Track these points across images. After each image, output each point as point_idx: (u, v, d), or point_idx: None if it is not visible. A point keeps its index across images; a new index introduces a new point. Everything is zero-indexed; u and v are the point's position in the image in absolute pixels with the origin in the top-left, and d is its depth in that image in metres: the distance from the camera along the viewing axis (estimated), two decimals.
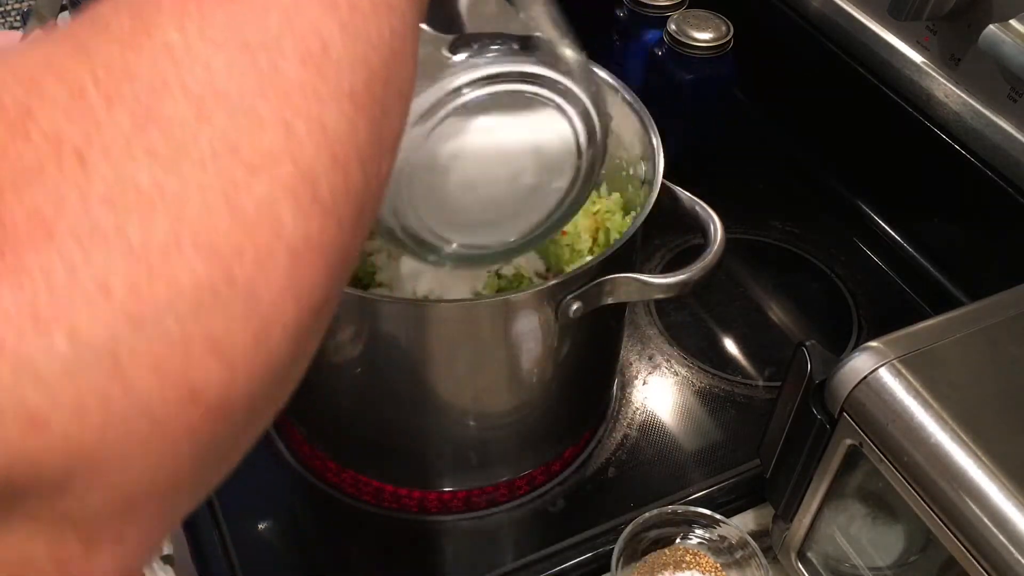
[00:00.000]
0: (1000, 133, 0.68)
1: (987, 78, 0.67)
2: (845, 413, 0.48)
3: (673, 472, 0.67)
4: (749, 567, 0.58)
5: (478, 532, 0.64)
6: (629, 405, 0.71)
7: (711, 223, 0.55)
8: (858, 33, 0.78)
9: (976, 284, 0.77)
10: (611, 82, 0.62)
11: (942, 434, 0.44)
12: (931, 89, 0.73)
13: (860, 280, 0.81)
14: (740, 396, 0.72)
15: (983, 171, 0.71)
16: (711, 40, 0.80)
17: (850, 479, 0.51)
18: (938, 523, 0.44)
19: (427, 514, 0.64)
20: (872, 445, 0.47)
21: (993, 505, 0.41)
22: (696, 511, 0.60)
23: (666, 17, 0.82)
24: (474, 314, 0.53)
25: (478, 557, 0.63)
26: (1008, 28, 0.61)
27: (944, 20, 0.69)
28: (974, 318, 0.49)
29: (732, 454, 0.67)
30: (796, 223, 0.86)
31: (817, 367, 0.51)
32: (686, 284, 0.52)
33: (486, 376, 0.58)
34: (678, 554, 0.60)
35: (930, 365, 0.47)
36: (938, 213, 0.80)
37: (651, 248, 0.82)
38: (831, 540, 0.54)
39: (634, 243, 0.54)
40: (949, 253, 0.79)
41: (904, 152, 0.80)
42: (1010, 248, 0.72)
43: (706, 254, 0.53)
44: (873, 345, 0.48)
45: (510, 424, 0.61)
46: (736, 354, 0.75)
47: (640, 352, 0.75)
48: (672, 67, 0.81)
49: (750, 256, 0.83)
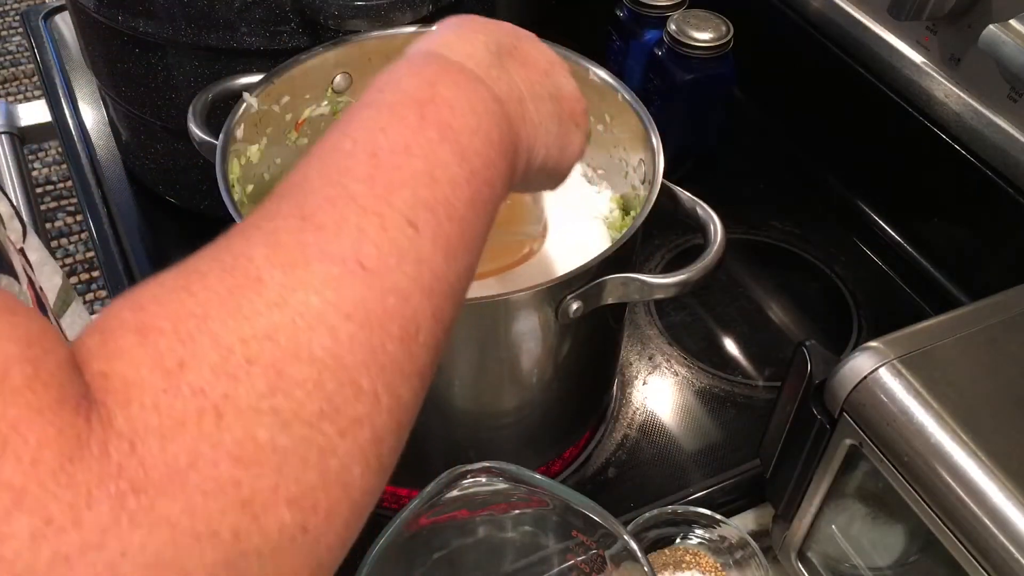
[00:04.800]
0: (1000, 133, 0.68)
1: (987, 78, 0.67)
2: (845, 413, 0.48)
3: (673, 472, 0.67)
4: (749, 567, 0.58)
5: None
6: (629, 405, 0.71)
7: (711, 223, 0.55)
8: (858, 33, 0.78)
9: (976, 284, 0.77)
10: (611, 82, 0.62)
11: (942, 434, 0.44)
12: (931, 89, 0.73)
13: (860, 280, 0.81)
14: (740, 396, 0.72)
15: (983, 171, 0.71)
16: (711, 40, 0.80)
17: (850, 479, 0.51)
18: (938, 523, 0.44)
19: None
20: (872, 445, 0.47)
21: (993, 505, 0.41)
22: (696, 511, 0.60)
23: (666, 17, 0.82)
24: (474, 314, 0.53)
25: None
26: (1008, 28, 0.61)
27: (944, 20, 0.69)
28: (974, 318, 0.49)
29: (732, 454, 0.67)
30: (796, 223, 0.86)
31: (817, 367, 0.51)
32: (686, 284, 0.52)
33: (486, 376, 0.58)
34: (678, 554, 0.60)
35: (930, 365, 0.47)
36: (938, 213, 0.80)
37: (651, 248, 0.82)
38: (831, 540, 0.54)
39: (634, 243, 0.54)
40: (949, 253, 0.79)
41: (904, 152, 0.80)
42: (1010, 248, 0.72)
43: (706, 254, 0.53)
44: (873, 345, 0.48)
45: (510, 424, 0.61)
46: (736, 354, 0.75)
47: (640, 352, 0.75)
48: (672, 67, 0.81)
49: (750, 256, 0.83)
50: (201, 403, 0.22)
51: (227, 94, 0.62)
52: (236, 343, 0.23)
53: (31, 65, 2.17)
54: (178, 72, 0.71)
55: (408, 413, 0.27)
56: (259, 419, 0.23)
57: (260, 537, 0.22)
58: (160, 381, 0.22)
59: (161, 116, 0.76)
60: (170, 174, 0.82)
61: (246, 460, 0.22)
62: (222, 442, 0.22)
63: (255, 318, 0.24)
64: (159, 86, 0.73)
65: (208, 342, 0.23)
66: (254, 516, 0.22)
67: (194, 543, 0.21)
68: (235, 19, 0.66)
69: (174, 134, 0.76)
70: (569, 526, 0.50)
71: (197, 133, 0.59)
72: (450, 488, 0.47)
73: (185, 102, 0.62)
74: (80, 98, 0.96)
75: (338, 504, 0.24)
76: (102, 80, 0.80)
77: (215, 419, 0.22)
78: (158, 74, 0.72)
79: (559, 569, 0.52)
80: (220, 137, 0.56)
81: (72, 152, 0.91)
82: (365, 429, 0.25)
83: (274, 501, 0.23)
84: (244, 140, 0.59)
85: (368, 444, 0.25)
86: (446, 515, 0.49)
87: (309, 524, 0.23)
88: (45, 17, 1.06)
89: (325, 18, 0.65)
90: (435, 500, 0.47)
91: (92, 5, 0.70)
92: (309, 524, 0.23)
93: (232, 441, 0.22)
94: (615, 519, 0.48)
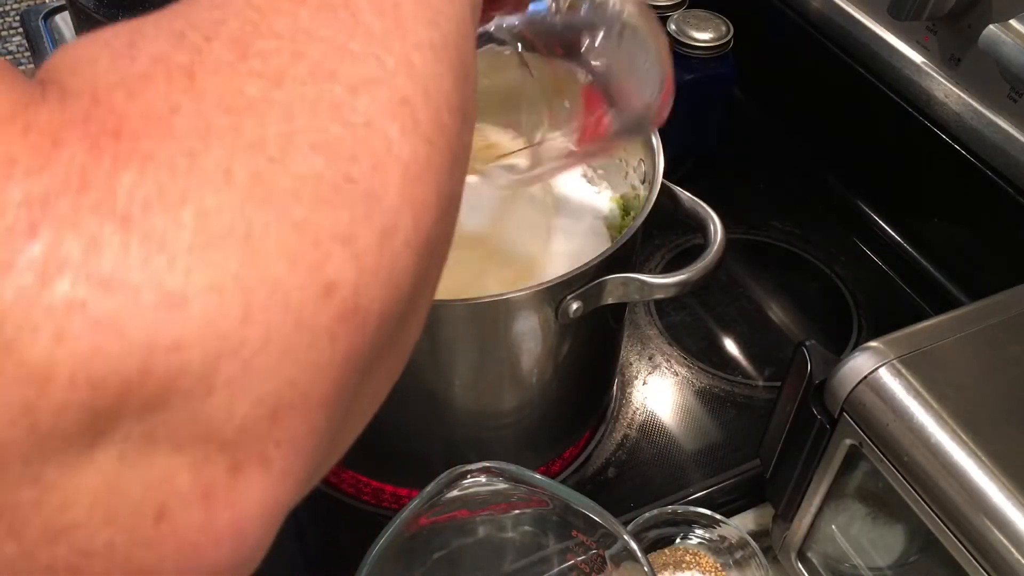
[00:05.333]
0: (1000, 133, 0.68)
1: (987, 78, 0.67)
2: (845, 413, 0.48)
3: (673, 472, 0.67)
4: (749, 567, 0.58)
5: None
6: (629, 405, 0.71)
7: (711, 223, 0.55)
8: (858, 33, 0.78)
9: (976, 284, 0.77)
10: None
11: (942, 434, 0.44)
12: (931, 89, 0.73)
13: (860, 280, 0.81)
14: (740, 396, 0.72)
15: (983, 171, 0.71)
16: (711, 40, 0.80)
17: (850, 479, 0.51)
18: (938, 523, 0.44)
19: None
20: (872, 445, 0.47)
21: (993, 505, 0.41)
22: (696, 511, 0.60)
23: (666, 17, 0.82)
24: (474, 314, 0.53)
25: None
26: (1008, 28, 0.61)
27: (944, 20, 0.69)
28: (974, 318, 0.49)
29: (732, 454, 0.67)
30: (796, 223, 0.86)
31: (817, 367, 0.51)
32: (686, 284, 0.52)
33: (486, 376, 0.58)
34: (678, 554, 0.60)
35: (930, 365, 0.47)
36: (938, 213, 0.80)
37: (651, 248, 0.82)
38: (831, 540, 0.54)
39: (634, 243, 0.54)
40: (949, 253, 0.79)
41: (904, 152, 0.80)
42: (1010, 248, 0.72)
43: (706, 254, 0.53)
44: (873, 345, 0.48)
45: (510, 424, 0.61)
46: (736, 354, 0.75)
47: (640, 352, 0.75)
48: (672, 67, 0.81)
49: (750, 256, 0.83)
50: (166, 65, 0.19)
51: None
52: (186, 27, 0.21)
53: (31, 65, 2.17)
54: None
55: (433, 84, 0.23)
56: (239, 76, 0.20)
57: (289, 179, 0.19)
58: (109, 52, 0.19)
59: None
60: None
61: (239, 109, 0.19)
62: (204, 93, 0.19)
63: (199, 14, 0.21)
64: None
65: (152, 27, 0.20)
66: (269, 158, 0.19)
67: (204, 179, 0.18)
68: None
69: None
70: (569, 526, 0.50)
71: None
72: (450, 488, 0.47)
73: None
74: None
75: (382, 159, 0.21)
76: None
77: (186, 77, 0.19)
78: None
79: (559, 569, 0.52)
80: None
81: None
82: (383, 88, 0.22)
83: (292, 145, 0.19)
84: None
85: (393, 104, 0.22)
86: (446, 515, 0.49)
87: (353, 174, 0.20)
88: (45, 17, 1.06)
89: None
90: (435, 500, 0.47)
91: (92, 5, 0.70)
92: (353, 174, 0.20)
93: (215, 94, 0.19)
94: (615, 519, 0.48)
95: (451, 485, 0.47)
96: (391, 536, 0.46)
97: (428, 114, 0.23)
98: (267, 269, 0.18)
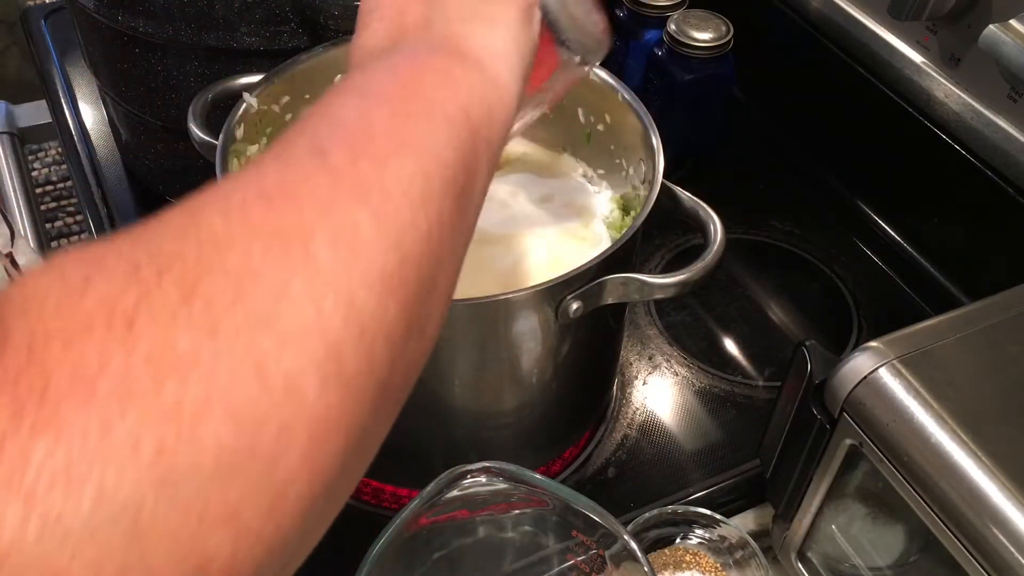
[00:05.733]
0: (1000, 133, 0.68)
1: (987, 78, 0.67)
2: (845, 413, 0.48)
3: (673, 472, 0.67)
4: (749, 567, 0.58)
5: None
6: (629, 405, 0.71)
7: (711, 223, 0.55)
8: (858, 33, 0.78)
9: (976, 284, 0.77)
10: (611, 82, 0.62)
11: (942, 434, 0.44)
12: (931, 89, 0.73)
13: (860, 280, 0.81)
14: (740, 396, 0.72)
15: (983, 171, 0.71)
16: (711, 40, 0.80)
17: (850, 479, 0.51)
18: (938, 523, 0.44)
19: None
20: (872, 445, 0.47)
21: (993, 505, 0.41)
22: (696, 511, 0.60)
23: (666, 17, 0.82)
24: (474, 314, 0.53)
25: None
26: (1008, 28, 0.61)
27: (944, 20, 0.69)
28: (974, 318, 0.49)
29: (732, 454, 0.67)
30: (796, 223, 0.86)
31: (817, 367, 0.51)
32: (686, 284, 0.52)
33: (486, 376, 0.58)
34: (678, 554, 0.60)
35: (930, 365, 0.47)
36: (938, 213, 0.80)
37: (651, 248, 0.82)
38: (831, 540, 0.54)
39: (634, 243, 0.54)
40: (949, 253, 0.79)
41: (904, 152, 0.80)
42: (1010, 248, 0.72)
43: (706, 254, 0.53)
44: (873, 345, 0.48)
45: (510, 424, 0.61)
46: (736, 354, 0.75)
47: (640, 352, 0.75)
48: (672, 67, 0.81)
49: (750, 256, 0.83)
50: (110, 308, 0.20)
51: (227, 94, 0.62)
52: (143, 261, 0.22)
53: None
54: (178, 72, 0.71)
55: (372, 322, 0.24)
56: (176, 326, 0.21)
57: (192, 454, 0.20)
58: (62, 288, 0.21)
59: (161, 116, 0.76)
60: (170, 174, 0.82)
61: (166, 367, 0.20)
62: (137, 345, 0.20)
63: (159, 244, 0.23)
64: (159, 86, 0.73)
65: (114, 256, 0.22)
66: (179, 429, 0.20)
67: (111, 453, 0.19)
68: (235, 19, 0.66)
69: (174, 134, 0.76)
70: (569, 526, 0.50)
71: (197, 133, 0.59)
72: (450, 488, 0.47)
73: (185, 102, 0.62)
74: (80, 98, 0.96)
75: (291, 422, 0.22)
76: (102, 80, 0.80)
77: (125, 326, 0.20)
78: (158, 74, 0.72)
79: (559, 569, 0.52)
80: (220, 137, 0.56)
81: (72, 152, 0.91)
82: (313, 339, 0.22)
83: (206, 412, 0.20)
84: (244, 140, 0.59)
85: (320, 355, 0.23)
86: (446, 515, 0.49)
87: (257, 444, 0.21)
88: (45, 17, 1.06)
89: (325, 18, 0.65)
90: (435, 500, 0.47)
91: (92, 5, 0.70)
92: (257, 444, 0.21)
93: (147, 347, 0.20)
94: (615, 519, 0.48)
95: (451, 485, 0.47)
96: (391, 536, 0.46)
97: (358, 355, 0.24)
98: (148, 551, 0.20)
